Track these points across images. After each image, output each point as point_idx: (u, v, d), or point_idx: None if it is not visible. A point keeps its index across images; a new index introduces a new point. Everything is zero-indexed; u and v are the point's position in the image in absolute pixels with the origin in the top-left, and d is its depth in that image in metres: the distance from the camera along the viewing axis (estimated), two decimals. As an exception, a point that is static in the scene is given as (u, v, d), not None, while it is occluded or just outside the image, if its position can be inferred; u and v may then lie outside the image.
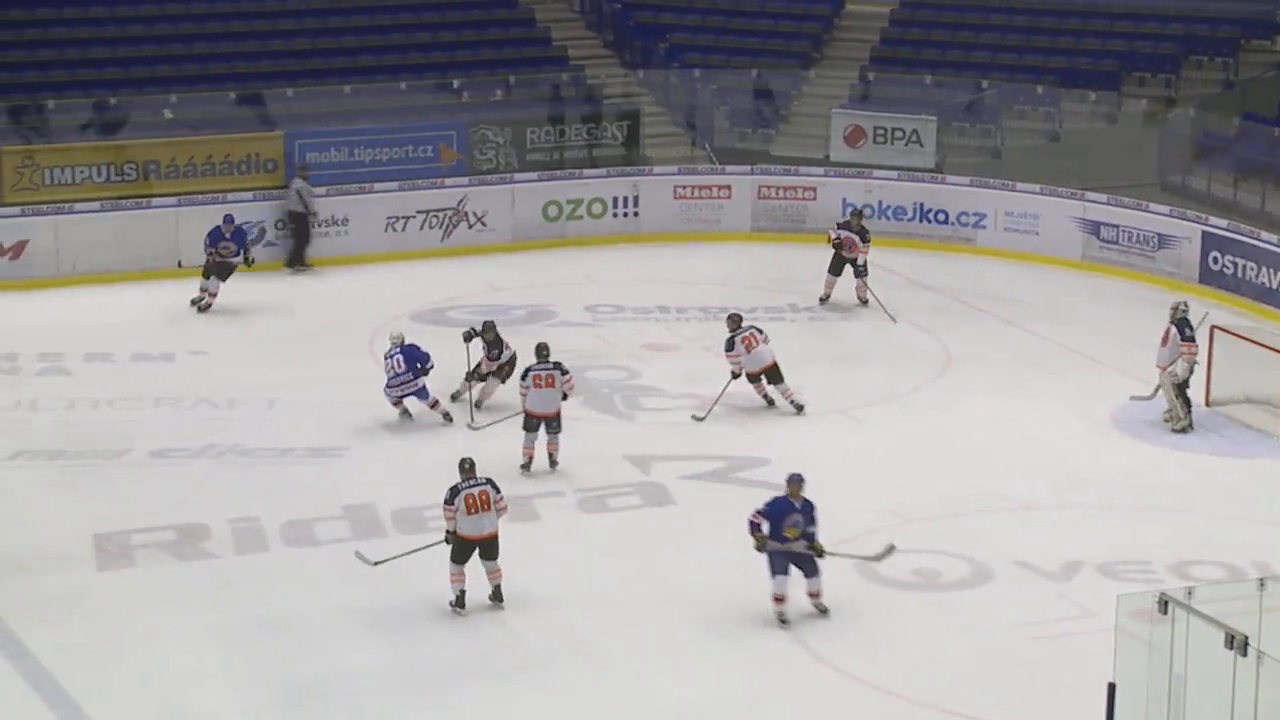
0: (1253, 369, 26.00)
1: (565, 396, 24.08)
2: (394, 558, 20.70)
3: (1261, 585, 16.16)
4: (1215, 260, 31.37)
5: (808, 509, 20.22)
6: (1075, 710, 17.36)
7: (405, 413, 25.43)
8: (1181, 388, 25.66)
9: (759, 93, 37.05)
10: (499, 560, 20.27)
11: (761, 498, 20.58)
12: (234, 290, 30.24)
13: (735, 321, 26.31)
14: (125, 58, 35.00)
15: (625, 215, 33.92)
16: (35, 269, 30.86)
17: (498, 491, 20.34)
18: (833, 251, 30.39)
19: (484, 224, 33.20)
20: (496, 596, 20.41)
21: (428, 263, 32.19)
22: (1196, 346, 25.54)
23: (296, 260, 32.39)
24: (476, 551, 20.17)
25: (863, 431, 25.96)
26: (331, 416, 25.45)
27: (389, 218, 32.84)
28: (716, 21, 38.46)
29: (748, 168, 34.70)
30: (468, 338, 25.89)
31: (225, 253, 30.04)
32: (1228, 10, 37.57)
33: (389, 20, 37.07)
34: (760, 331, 26.14)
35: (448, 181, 33.63)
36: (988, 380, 27.79)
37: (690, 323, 29.99)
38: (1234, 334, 26.33)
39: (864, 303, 30.40)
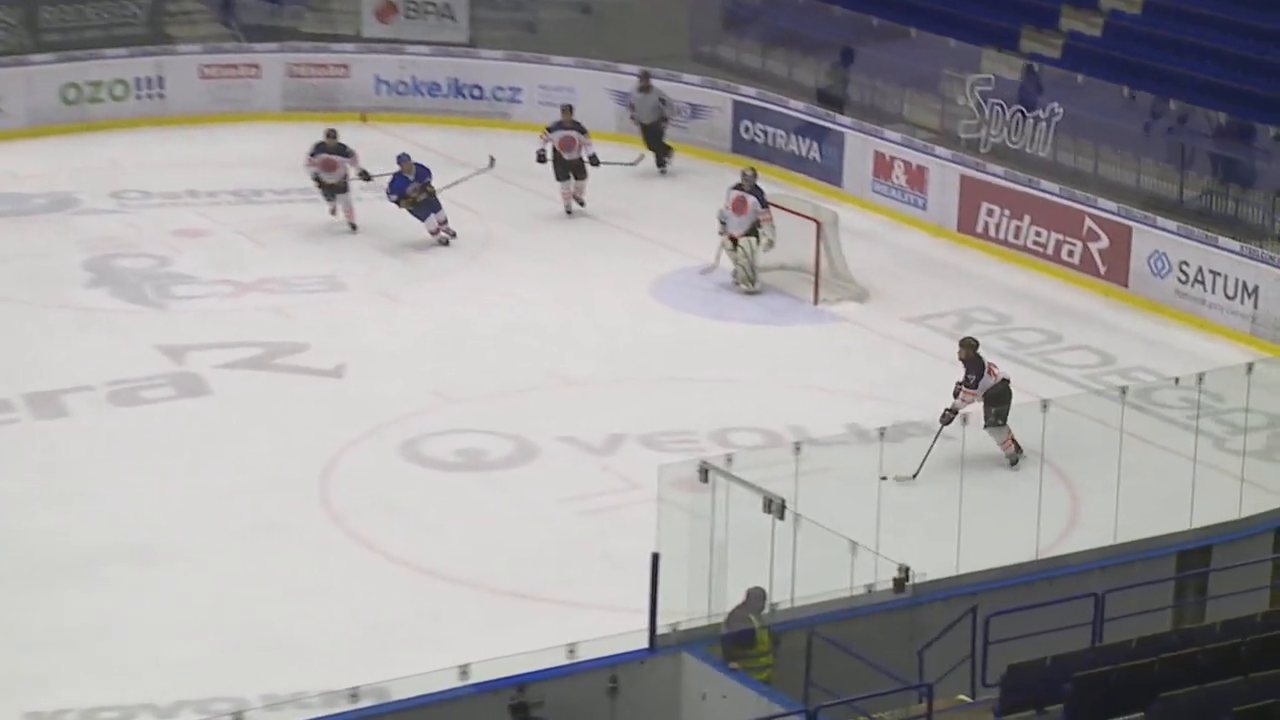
0: (786, 238, 26.62)
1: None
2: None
3: (797, 449, 16.66)
4: (746, 129, 31.91)
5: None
6: (621, 582, 17.44)
7: None
8: (735, 242, 26.25)
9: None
10: None
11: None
12: None
13: None
14: None
15: (150, 97, 33.05)
16: None
17: None
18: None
19: (-2, 110, 32.10)
20: None
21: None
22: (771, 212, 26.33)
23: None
24: None
25: (403, 312, 25.97)
26: None
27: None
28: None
29: (276, 45, 34.12)
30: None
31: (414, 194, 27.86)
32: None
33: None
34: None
35: (-52, 65, 32.39)
36: (532, 258, 27.90)
37: (222, 207, 29.44)
38: (773, 204, 26.70)
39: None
